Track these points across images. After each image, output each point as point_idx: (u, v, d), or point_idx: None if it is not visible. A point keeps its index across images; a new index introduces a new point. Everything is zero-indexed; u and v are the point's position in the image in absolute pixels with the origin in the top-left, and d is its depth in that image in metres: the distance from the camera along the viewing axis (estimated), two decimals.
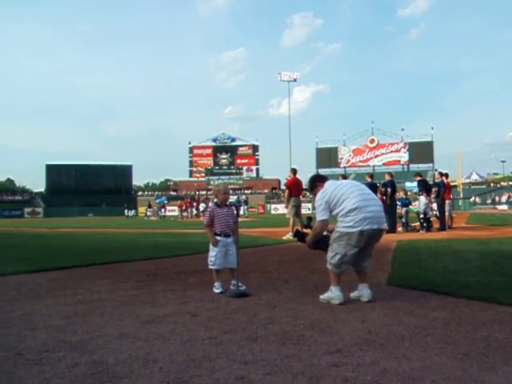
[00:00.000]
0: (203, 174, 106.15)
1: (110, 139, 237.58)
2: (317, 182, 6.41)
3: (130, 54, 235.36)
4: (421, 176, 20.76)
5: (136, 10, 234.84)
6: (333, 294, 5.89)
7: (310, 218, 7.06)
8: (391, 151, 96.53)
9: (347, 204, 5.85)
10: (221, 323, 4.92)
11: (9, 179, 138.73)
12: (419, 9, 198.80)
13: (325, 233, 6.29)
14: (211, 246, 6.85)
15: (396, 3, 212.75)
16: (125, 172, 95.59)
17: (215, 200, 7.11)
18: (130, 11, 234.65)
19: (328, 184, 6.22)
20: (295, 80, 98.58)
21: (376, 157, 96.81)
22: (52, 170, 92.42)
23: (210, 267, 6.85)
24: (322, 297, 6.00)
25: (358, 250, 5.89)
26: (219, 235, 6.82)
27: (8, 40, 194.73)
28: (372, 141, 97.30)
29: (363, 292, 6.00)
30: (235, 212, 7.03)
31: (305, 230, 7.05)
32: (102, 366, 3.62)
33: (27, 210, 79.64)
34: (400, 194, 21.94)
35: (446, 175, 21.46)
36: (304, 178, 19.26)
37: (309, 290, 6.63)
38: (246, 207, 57.12)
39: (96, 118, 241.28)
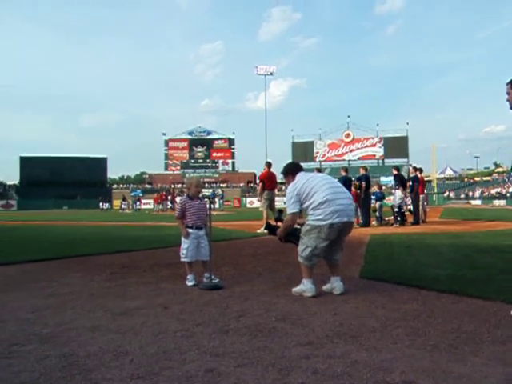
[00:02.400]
0: (179, 167, 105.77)
1: (85, 131, 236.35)
2: (289, 173, 6.41)
3: (107, 46, 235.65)
4: (398, 170, 20.89)
5: (115, 2, 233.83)
6: (305, 286, 5.91)
7: (280, 211, 7.07)
8: (366, 146, 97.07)
9: (317, 197, 5.86)
10: (193, 316, 4.91)
11: None
12: (396, 5, 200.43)
13: (296, 226, 6.30)
14: (183, 239, 6.83)
15: None
16: (100, 165, 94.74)
17: (187, 192, 7.10)
18: (110, 2, 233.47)
19: (299, 176, 6.21)
20: (271, 74, 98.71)
21: (351, 151, 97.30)
22: (26, 163, 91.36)
23: (182, 260, 6.84)
24: (294, 289, 6.01)
25: (328, 243, 5.91)
26: (191, 228, 6.80)
27: None
28: (348, 135, 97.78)
29: (335, 285, 6.02)
30: (207, 205, 7.02)
31: (276, 223, 7.05)
32: (72, 358, 3.59)
33: (0, 202, 78.61)
34: (374, 188, 22.05)
35: (420, 170, 21.63)
36: (279, 171, 19.29)
37: (282, 283, 6.64)
38: (221, 201, 57.11)
39: (72, 110, 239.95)
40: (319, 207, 5.84)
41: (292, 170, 6.43)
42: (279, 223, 6.74)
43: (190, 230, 6.78)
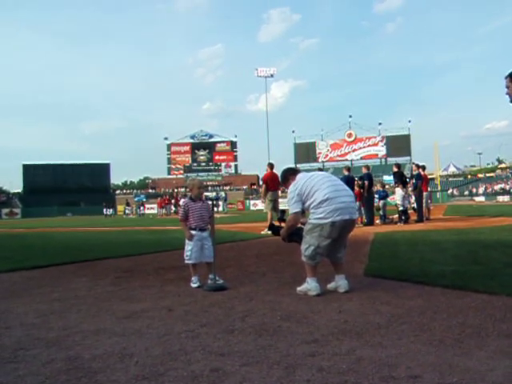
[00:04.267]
0: (182, 171, 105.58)
1: (87, 137, 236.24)
2: (288, 175, 6.43)
3: (107, 52, 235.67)
4: (398, 168, 20.82)
5: (113, 8, 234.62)
6: (309, 285, 5.90)
7: (283, 211, 7.10)
8: (369, 145, 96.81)
9: (318, 195, 5.87)
10: (198, 317, 4.91)
11: None
12: (395, 3, 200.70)
13: (299, 225, 6.30)
14: (187, 241, 6.84)
15: None
16: (103, 171, 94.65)
17: (189, 194, 7.10)
18: (107, 8, 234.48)
19: (299, 176, 6.23)
20: (272, 75, 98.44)
21: (354, 151, 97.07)
22: (29, 170, 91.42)
23: (186, 262, 6.85)
24: (299, 288, 6.00)
25: (331, 241, 5.90)
26: (194, 229, 6.81)
27: None
28: (350, 135, 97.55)
29: (340, 283, 6.02)
30: (210, 206, 7.03)
31: (279, 224, 7.05)
32: (77, 361, 3.59)
33: (4, 210, 78.55)
34: (377, 187, 21.99)
35: (423, 167, 21.56)
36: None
37: (286, 283, 6.64)
38: (225, 204, 57.00)
39: (73, 117, 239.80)
40: (320, 205, 5.84)
41: (290, 173, 6.48)
42: (282, 223, 6.74)
43: (193, 232, 6.79)
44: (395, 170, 20.47)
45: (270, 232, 7.13)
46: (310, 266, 5.98)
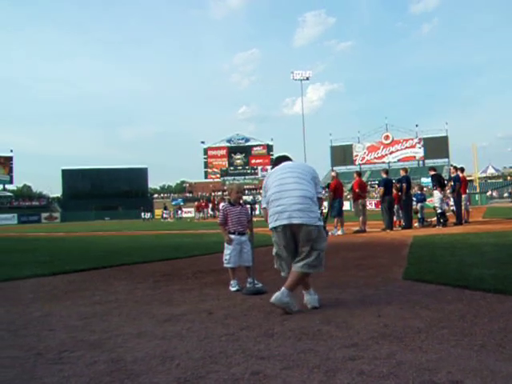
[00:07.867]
0: (218, 175, 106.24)
1: (125, 143, 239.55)
2: (274, 165, 5.96)
3: (144, 59, 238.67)
4: (435, 170, 20.60)
5: (151, 15, 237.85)
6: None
7: None
8: (406, 147, 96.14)
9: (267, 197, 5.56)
10: (237, 320, 4.95)
11: (25, 185, 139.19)
12: (431, 4, 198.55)
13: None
14: (226, 245, 6.89)
15: None
16: (140, 175, 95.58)
17: (228, 198, 7.16)
18: (145, 16, 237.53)
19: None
20: (308, 78, 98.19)
21: (391, 153, 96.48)
22: (68, 175, 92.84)
23: (225, 266, 6.89)
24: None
25: (286, 247, 5.50)
26: (233, 233, 6.86)
27: (26, 47, 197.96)
28: (386, 137, 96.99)
29: (306, 298, 5.54)
30: (249, 210, 7.06)
31: None
32: (120, 363, 3.65)
33: (44, 215, 79.80)
34: (415, 190, 21.76)
35: (462, 169, 21.27)
36: (320, 176, 19.23)
37: (324, 287, 6.58)
38: None
39: (112, 123, 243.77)
40: (267, 209, 5.61)
41: (275, 163, 6.06)
42: None
43: (232, 236, 6.84)
44: (432, 173, 20.25)
45: None
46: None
